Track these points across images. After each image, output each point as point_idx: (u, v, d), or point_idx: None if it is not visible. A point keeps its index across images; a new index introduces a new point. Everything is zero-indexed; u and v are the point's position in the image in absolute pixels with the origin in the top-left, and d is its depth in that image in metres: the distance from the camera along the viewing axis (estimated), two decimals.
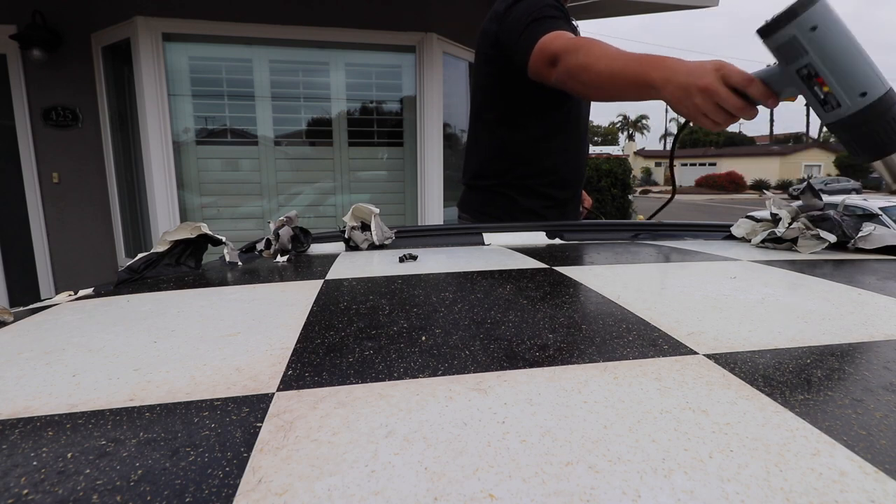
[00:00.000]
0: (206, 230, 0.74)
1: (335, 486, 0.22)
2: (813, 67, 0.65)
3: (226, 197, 3.14)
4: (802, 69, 0.66)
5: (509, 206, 1.31)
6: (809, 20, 0.63)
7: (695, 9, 3.62)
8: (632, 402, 0.29)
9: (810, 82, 0.67)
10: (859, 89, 0.64)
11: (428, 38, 3.10)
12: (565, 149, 1.30)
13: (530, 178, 1.29)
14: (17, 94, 3.07)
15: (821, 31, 0.63)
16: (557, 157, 1.29)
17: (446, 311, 0.47)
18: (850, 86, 0.64)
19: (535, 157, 1.28)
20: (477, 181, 1.36)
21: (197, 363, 0.36)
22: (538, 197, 1.30)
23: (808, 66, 0.66)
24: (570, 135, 1.30)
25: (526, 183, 1.30)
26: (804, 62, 0.65)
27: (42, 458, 0.25)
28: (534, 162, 1.29)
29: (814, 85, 0.66)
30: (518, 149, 1.28)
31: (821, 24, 0.63)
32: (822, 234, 0.79)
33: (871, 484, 0.22)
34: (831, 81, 0.65)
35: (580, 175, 1.37)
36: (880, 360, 0.35)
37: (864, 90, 0.64)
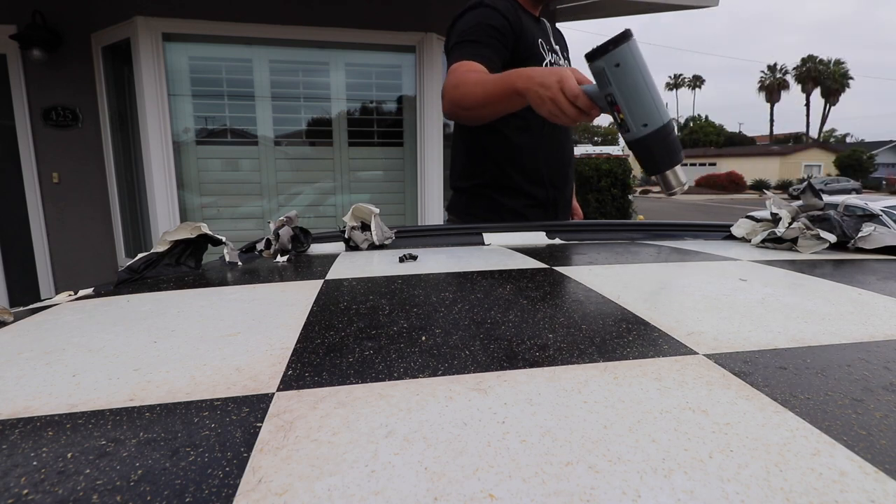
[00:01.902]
0: (206, 230, 0.74)
1: (335, 486, 0.22)
2: (613, 97, 0.79)
3: (226, 197, 3.14)
4: (608, 96, 0.79)
5: (492, 206, 1.34)
6: (615, 58, 0.76)
7: (695, 9, 3.62)
8: (632, 402, 0.29)
9: (612, 108, 0.80)
10: (642, 121, 0.78)
11: (428, 38, 3.10)
12: (543, 147, 1.31)
13: (510, 177, 1.31)
14: (17, 94, 3.07)
15: (622, 68, 0.76)
16: (536, 156, 1.31)
17: (446, 311, 0.47)
18: (636, 116, 0.78)
19: (514, 157, 1.31)
20: (460, 183, 1.40)
21: (197, 363, 0.36)
22: (520, 196, 1.32)
23: (610, 94, 0.79)
24: (547, 134, 1.31)
25: (506, 183, 1.32)
26: (608, 91, 0.79)
27: (42, 458, 0.25)
28: (512, 162, 1.31)
29: (614, 111, 0.80)
30: (497, 150, 1.31)
31: (623, 63, 0.76)
32: (822, 234, 0.79)
33: (871, 484, 0.22)
34: (624, 111, 0.78)
35: (563, 174, 1.37)
36: (880, 360, 0.35)
37: (645, 122, 0.78)
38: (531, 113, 1.27)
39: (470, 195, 1.37)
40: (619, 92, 0.77)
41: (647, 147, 0.79)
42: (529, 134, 1.29)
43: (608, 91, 0.79)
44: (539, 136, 1.30)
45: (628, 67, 0.76)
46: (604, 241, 0.99)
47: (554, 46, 1.33)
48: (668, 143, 0.79)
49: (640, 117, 0.78)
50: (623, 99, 0.78)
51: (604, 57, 0.77)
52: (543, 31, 1.31)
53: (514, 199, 1.32)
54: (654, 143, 0.79)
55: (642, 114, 0.78)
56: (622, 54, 0.76)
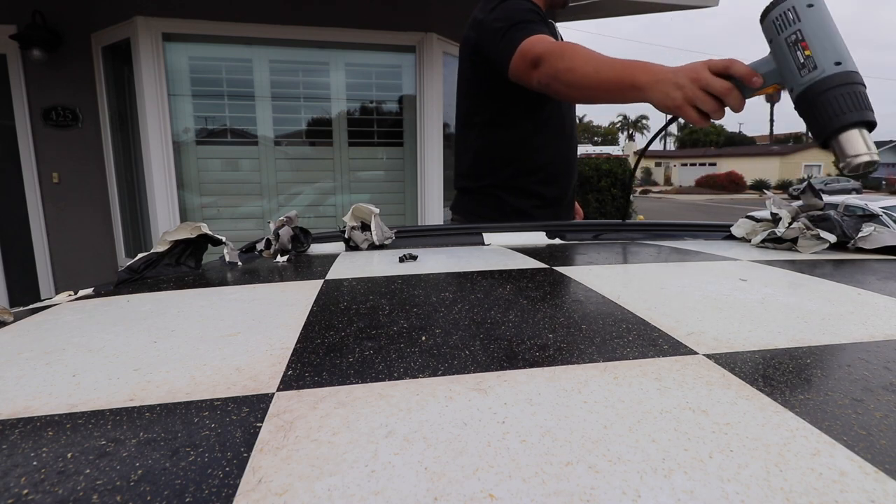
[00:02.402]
0: (206, 230, 0.74)
1: (335, 486, 0.22)
2: (801, 34, 0.74)
3: (226, 197, 3.14)
4: (791, 36, 0.75)
5: (499, 206, 1.32)
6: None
7: (695, 9, 3.62)
8: (632, 402, 0.29)
9: (795, 47, 0.75)
10: (835, 58, 0.72)
11: (428, 38, 3.10)
12: (551, 146, 1.31)
13: (518, 177, 1.30)
14: (17, 94, 3.07)
15: (815, 9, 0.74)
16: (544, 155, 1.30)
17: (446, 311, 0.47)
18: (829, 53, 0.73)
19: (522, 157, 1.30)
20: (467, 183, 1.38)
21: (197, 363, 0.36)
22: (528, 196, 1.32)
23: (797, 32, 0.74)
24: (555, 133, 1.31)
25: (514, 183, 1.31)
26: (794, 29, 0.75)
27: (42, 458, 0.25)
28: (520, 161, 1.30)
29: (797, 49, 0.75)
30: (504, 149, 1.30)
31: (816, 3, 0.74)
32: (822, 235, 0.79)
33: (871, 484, 0.22)
34: (814, 46, 0.73)
35: (569, 172, 1.37)
36: (880, 360, 0.35)
37: (838, 60, 0.72)
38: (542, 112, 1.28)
39: (478, 195, 1.35)
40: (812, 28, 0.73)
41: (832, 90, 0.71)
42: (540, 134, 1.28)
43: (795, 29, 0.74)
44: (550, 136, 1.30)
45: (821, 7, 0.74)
46: (604, 241, 0.99)
47: None
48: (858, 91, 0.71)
49: (833, 53, 0.72)
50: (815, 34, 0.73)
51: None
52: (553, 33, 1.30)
53: (524, 199, 1.31)
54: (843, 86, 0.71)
55: (836, 51, 0.72)
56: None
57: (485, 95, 1.29)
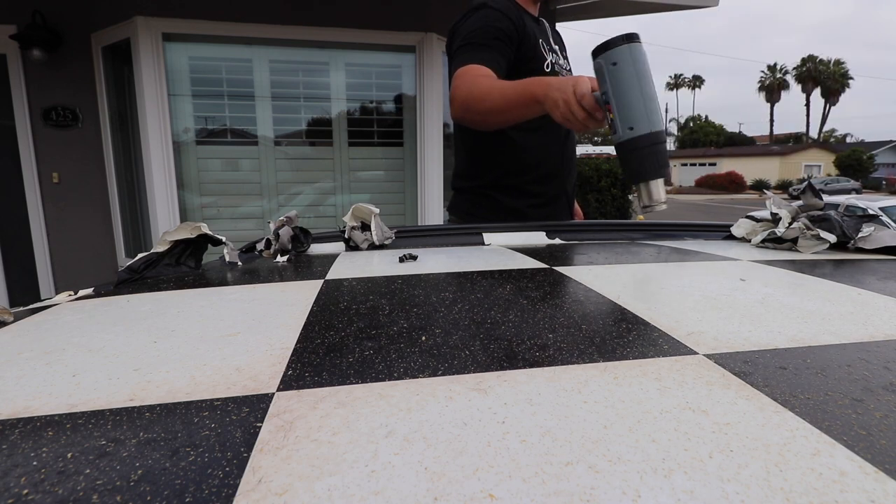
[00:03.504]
0: (206, 230, 0.74)
1: (335, 486, 0.22)
2: (608, 95, 0.79)
3: (226, 197, 3.14)
4: (603, 94, 0.80)
5: (494, 206, 1.33)
6: (613, 57, 0.77)
7: (695, 9, 3.61)
8: (632, 402, 0.29)
9: (605, 107, 0.80)
10: (629, 124, 0.77)
11: (428, 38, 3.10)
12: (545, 146, 1.31)
13: (511, 176, 1.31)
14: (17, 94, 3.07)
15: (618, 68, 0.76)
16: (537, 154, 1.31)
17: (446, 311, 0.47)
18: (624, 119, 0.78)
19: (515, 156, 1.30)
20: (462, 183, 1.40)
21: (197, 363, 0.36)
22: (521, 196, 1.32)
23: (605, 93, 0.79)
24: (549, 132, 1.31)
25: (506, 182, 1.32)
26: (604, 89, 0.79)
27: (42, 458, 0.25)
28: (512, 161, 1.31)
29: (606, 110, 0.80)
30: (497, 149, 1.31)
31: (620, 62, 0.76)
32: (823, 235, 0.79)
33: (871, 484, 0.22)
34: (614, 110, 0.78)
35: (565, 172, 1.37)
36: (880, 360, 0.35)
37: (631, 125, 0.77)
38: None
39: (472, 195, 1.37)
40: (613, 91, 0.77)
41: (630, 151, 0.78)
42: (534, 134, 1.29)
43: (603, 89, 0.79)
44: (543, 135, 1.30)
45: (624, 67, 0.76)
46: (604, 241, 0.99)
47: (553, 46, 1.33)
48: (652, 152, 0.77)
49: (627, 119, 0.77)
50: (614, 98, 0.77)
51: (603, 54, 0.77)
52: (543, 32, 1.31)
53: (517, 198, 1.32)
54: (638, 150, 0.77)
55: (630, 116, 0.77)
56: (620, 54, 0.76)
57: None
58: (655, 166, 0.78)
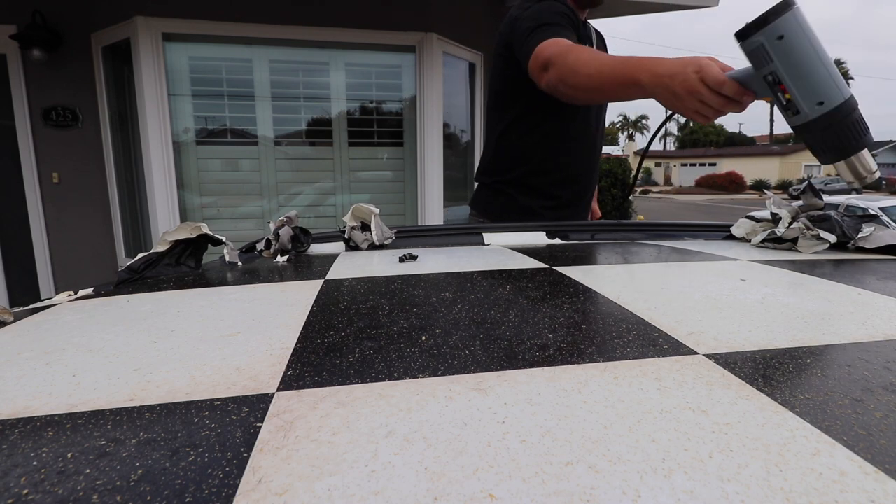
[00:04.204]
0: (206, 230, 0.74)
1: (335, 486, 0.22)
2: (777, 75, 0.69)
3: (226, 197, 3.14)
4: (768, 76, 0.70)
5: (508, 203, 1.34)
6: (777, 30, 0.66)
7: (695, 9, 3.62)
8: (632, 402, 0.29)
9: (775, 88, 0.70)
10: (817, 98, 0.67)
11: (428, 38, 3.10)
12: (571, 150, 1.31)
13: (531, 176, 1.31)
14: (17, 94, 3.07)
15: (787, 41, 0.66)
16: (562, 158, 1.31)
17: (446, 311, 0.47)
18: (808, 95, 0.68)
19: (537, 157, 1.30)
20: (483, 178, 1.41)
21: (197, 363, 0.36)
22: (539, 196, 1.32)
23: (773, 73, 0.69)
24: (577, 137, 1.31)
25: (526, 181, 1.32)
26: (770, 69, 0.69)
27: (42, 458, 0.25)
28: (535, 161, 1.31)
29: (777, 91, 0.70)
30: (521, 148, 1.31)
31: (787, 34, 0.66)
32: (823, 235, 0.79)
33: (871, 484, 0.22)
34: (792, 90, 0.68)
35: (587, 177, 1.37)
36: (880, 360, 0.35)
37: (821, 99, 0.67)
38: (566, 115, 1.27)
39: (491, 191, 1.38)
40: (785, 68, 0.67)
41: (827, 129, 0.68)
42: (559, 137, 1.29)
43: (770, 70, 0.69)
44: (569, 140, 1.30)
45: (794, 38, 0.66)
46: (604, 241, 0.99)
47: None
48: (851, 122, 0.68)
49: (813, 94, 0.67)
50: (790, 75, 0.67)
51: (763, 31, 0.67)
52: (588, 38, 1.31)
53: (534, 198, 1.32)
54: (835, 124, 0.68)
55: (816, 91, 0.67)
56: (786, 24, 0.66)
57: (507, 93, 1.30)
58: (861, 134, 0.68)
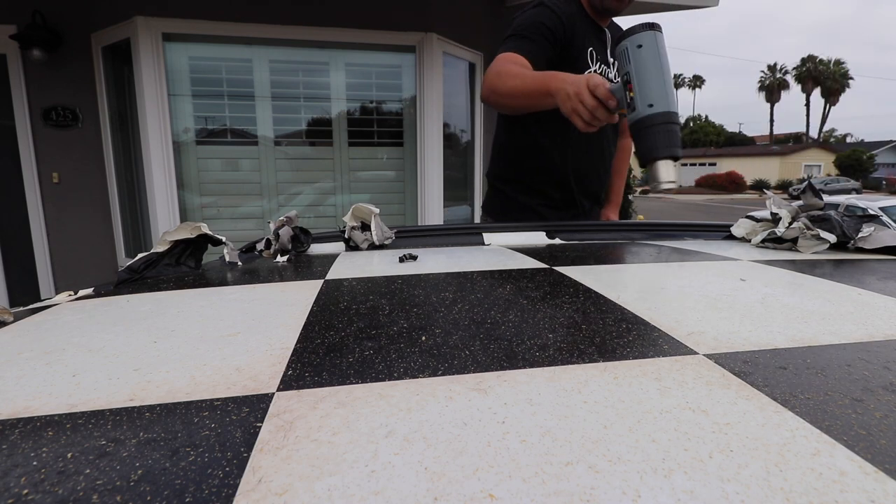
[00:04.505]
0: (206, 230, 0.74)
1: (335, 486, 0.22)
2: (629, 75, 0.83)
3: (226, 197, 3.14)
4: (625, 75, 0.84)
5: (507, 201, 1.38)
6: (639, 40, 0.83)
7: (695, 9, 3.61)
8: (632, 402, 0.29)
9: (625, 87, 0.85)
10: (649, 101, 0.81)
11: (428, 38, 3.10)
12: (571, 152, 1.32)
13: (527, 176, 1.34)
14: (17, 94, 3.06)
15: (643, 51, 0.82)
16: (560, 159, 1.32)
17: (446, 311, 0.47)
18: (644, 96, 0.82)
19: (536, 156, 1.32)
20: (488, 178, 1.47)
21: (197, 363, 0.36)
22: (534, 194, 1.34)
23: (627, 73, 0.84)
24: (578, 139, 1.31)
25: (524, 179, 1.35)
26: (626, 69, 0.84)
27: (42, 458, 0.24)
28: (533, 161, 1.33)
29: (626, 90, 0.84)
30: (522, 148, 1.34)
31: (645, 46, 0.82)
32: (823, 235, 0.79)
33: (871, 484, 0.22)
34: (636, 89, 0.83)
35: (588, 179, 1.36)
36: (880, 360, 0.35)
37: (651, 103, 0.81)
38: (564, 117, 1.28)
39: (494, 190, 1.44)
40: (635, 70, 0.82)
41: (647, 128, 0.81)
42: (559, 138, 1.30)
43: (626, 70, 0.83)
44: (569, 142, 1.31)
45: (648, 51, 0.81)
46: (604, 241, 0.99)
47: (609, 59, 1.32)
48: (668, 130, 0.81)
49: (647, 97, 0.81)
50: (636, 77, 0.82)
51: (629, 37, 0.83)
52: (601, 41, 1.31)
53: (531, 196, 1.35)
54: (654, 126, 0.81)
55: (651, 94, 0.81)
56: (646, 38, 0.82)
57: None
58: (669, 143, 0.81)
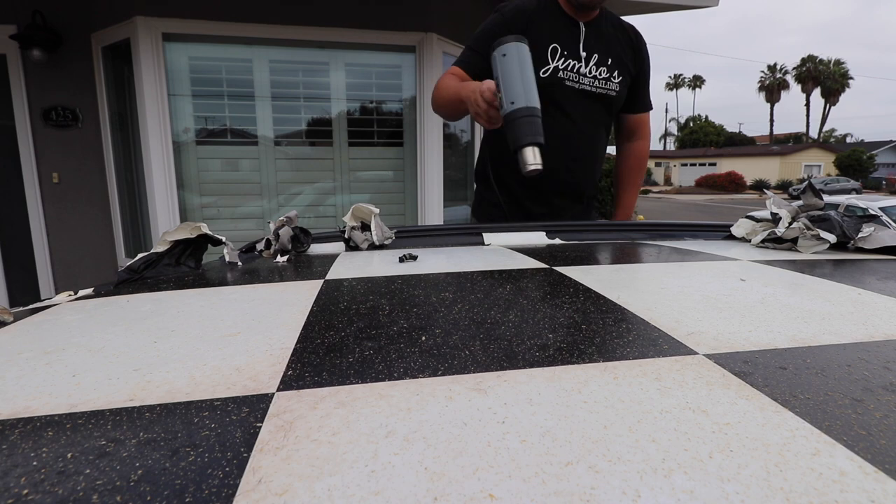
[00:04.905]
0: (206, 230, 0.74)
1: (335, 486, 0.22)
2: (498, 79, 0.99)
3: (226, 197, 3.14)
4: (497, 79, 0.99)
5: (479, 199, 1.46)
6: (503, 50, 0.99)
7: (695, 9, 3.61)
8: (632, 402, 0.29)
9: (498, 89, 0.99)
10: (511, 99, 0.96)
11: (428, 38, 3.10)
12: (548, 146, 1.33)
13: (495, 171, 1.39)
14: (17, 94, 3.07)
15: (507, 58, 0.98)
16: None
17: (446, 311, 0.47)
18: (508, 96, 0.97)
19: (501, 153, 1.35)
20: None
21: (197, 363, 0.36)
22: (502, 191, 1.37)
23: (496, 77, 1.00)
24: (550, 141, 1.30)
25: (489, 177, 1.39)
26: (496, 74, 1.00)
27: (42, 458, 0.24)
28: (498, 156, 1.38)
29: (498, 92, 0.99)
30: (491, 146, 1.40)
31: (508, 54, 0.98)
32: (823, 235, 0.79)
33: (871, 484, 0.22)
34: (502, 90, 0.98)
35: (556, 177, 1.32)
36: (880, 360, 0.35)
37: (512, 100, 0.96)
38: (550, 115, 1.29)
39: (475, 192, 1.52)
40: (501, 75, 0.98)
41: (511, 122, 0.95)
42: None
43: (496, 74, 0.99)
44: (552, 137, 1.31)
45: (511, 58, 0.97)
46: (604, 241, 0.99)
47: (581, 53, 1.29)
48: (530, 122, 0.94)
49: (509, 96, 0.96)
50: (502, 80, 0.97)
51: (498, 48, 0.99)
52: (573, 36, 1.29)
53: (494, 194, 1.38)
54: (517, 119, 0.94)
55: (511, 93, 0.96)
56: (509, 48, 0.98)
57: None
58: (531, 133, 0.94)
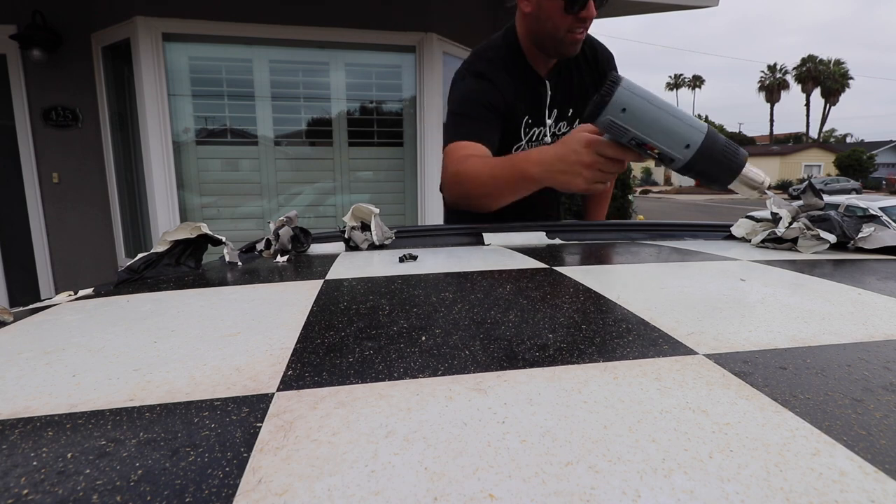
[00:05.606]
0: (206, 230, 0.74)
1: (335, 486, 0.22)
2: (638, 138, 0.74)
3: (226, 197, 3.14)
4: (631, 141, 0.75)
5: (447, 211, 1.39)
6: (617, 105, 0.72)
7: (695, 9, 3.62)
8: (632, 402, 0.29)
9: (643, 149, 0.76)
10: (682, 144, 0.73)
11: (428, 38, 3.10)
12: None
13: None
14: (17, 94, 3.07)
15: (630, 111, 0.72)
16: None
17: (446, 311, 0.47)
18: (673, 145, 0.74)
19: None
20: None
21: (197, 363, 0.36)
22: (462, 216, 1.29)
23: (633, 138, 0.74)
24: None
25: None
26: (629, 136, 0.74)
27: (42, 458, 0.24)
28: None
29: (646, 151, 0.76)
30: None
31: (628, 105, 0.72)
32: (823, 235, 0.79)
33: (871, 484, 0.22)
34: (657, 146, 0.74)
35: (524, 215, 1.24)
36: (880, 360, 0.35)
37: (686, 143, 0.73)
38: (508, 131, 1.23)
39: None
40: (641, 131, 0.73)
41: (704, 163, 0.74)
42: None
43: (629, 136, 0.74)
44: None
45: (635, 106, 0.72)
46: (604, 241, 0.99)
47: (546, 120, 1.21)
48: (720, 149, 0.74)
49: (677, 143, 0.73)
50: (649, 135, 0.73)
51: (605, 110, 0.73)
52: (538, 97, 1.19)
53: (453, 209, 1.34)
54: (708, 157, 0.73)
55: (677, 139, 0.73)
56: (622, 98, 0.72)
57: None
58: (734, 156, 0.74)
